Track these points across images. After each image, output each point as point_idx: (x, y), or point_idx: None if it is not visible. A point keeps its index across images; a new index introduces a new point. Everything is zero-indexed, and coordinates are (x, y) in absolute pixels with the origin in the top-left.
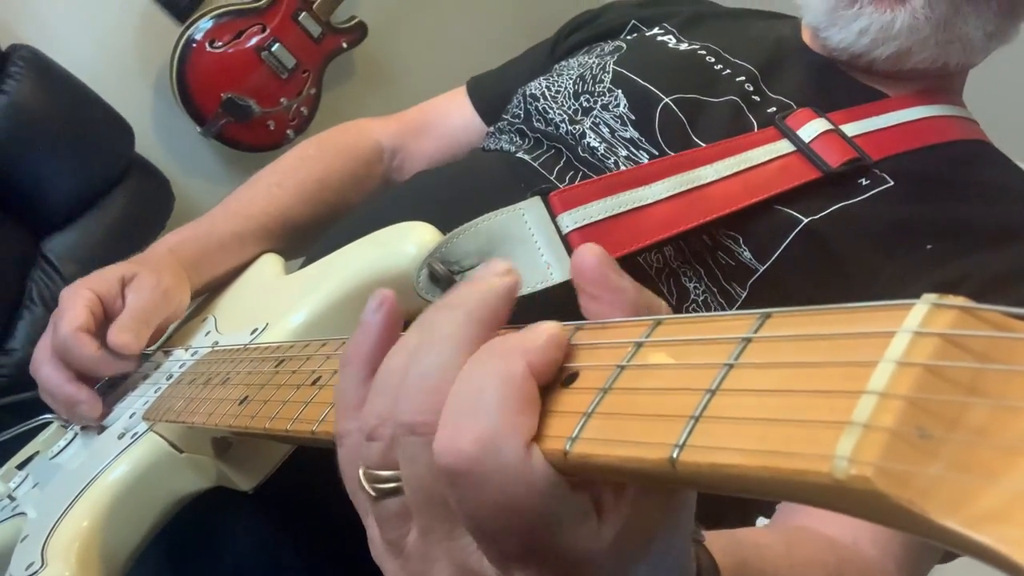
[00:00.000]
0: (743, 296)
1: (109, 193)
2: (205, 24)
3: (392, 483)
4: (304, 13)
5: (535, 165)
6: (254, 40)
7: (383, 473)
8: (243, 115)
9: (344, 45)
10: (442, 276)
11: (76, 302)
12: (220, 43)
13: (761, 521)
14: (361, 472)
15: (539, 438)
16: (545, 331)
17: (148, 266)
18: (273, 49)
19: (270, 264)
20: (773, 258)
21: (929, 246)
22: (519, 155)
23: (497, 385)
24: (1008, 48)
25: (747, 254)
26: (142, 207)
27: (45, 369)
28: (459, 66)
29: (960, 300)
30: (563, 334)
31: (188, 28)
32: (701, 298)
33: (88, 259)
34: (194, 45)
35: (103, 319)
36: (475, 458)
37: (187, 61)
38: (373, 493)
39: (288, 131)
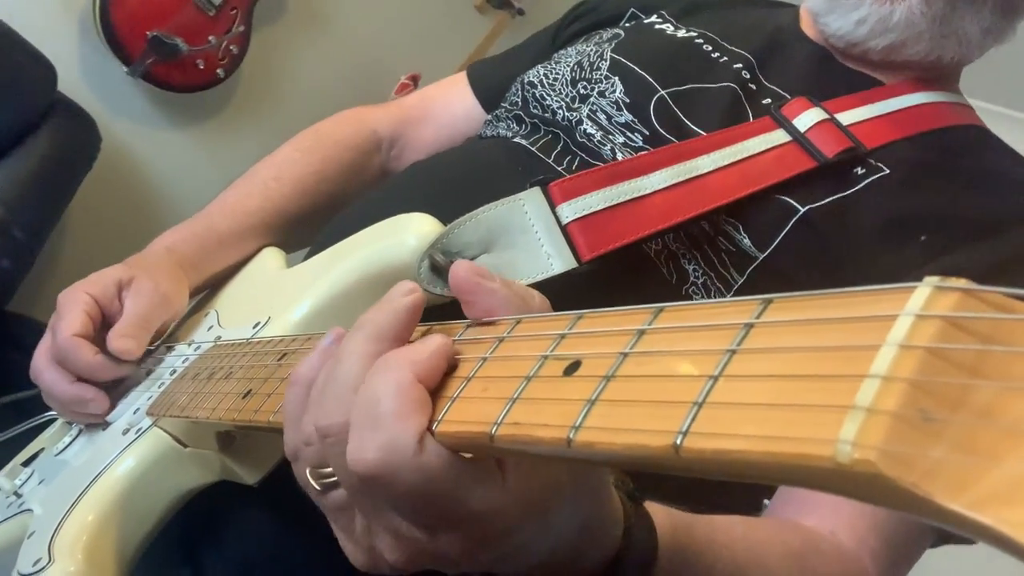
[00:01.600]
0: (740, 283)
1: (32, 134)
2: None
3: (332, 478)
4: None
5: (533, 149)
6: None
7: (323, 469)
8: (170, 54)
9: None
10: (443, 267)
11: (74, 307)
12: None
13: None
14: (307, 472)
15: (540, 427)
16: (431, 344)
17: (145, 269)
18: None
19: (272, 258)
20: (772, 246)
21: (924, 237)
22: (516, 140)
23: (390, 395)
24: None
25: (747, 241)
26: (68, 148)
27: (46, 374)
28: (392, 5)
29: (962, 282)
30: (447, 345)
31: None
32: (700, 281)
33: (14, 201)
34: None
35: (101, 322)
36: (380, 462)
37: None
38: (319, 488)
39: (218, 70)
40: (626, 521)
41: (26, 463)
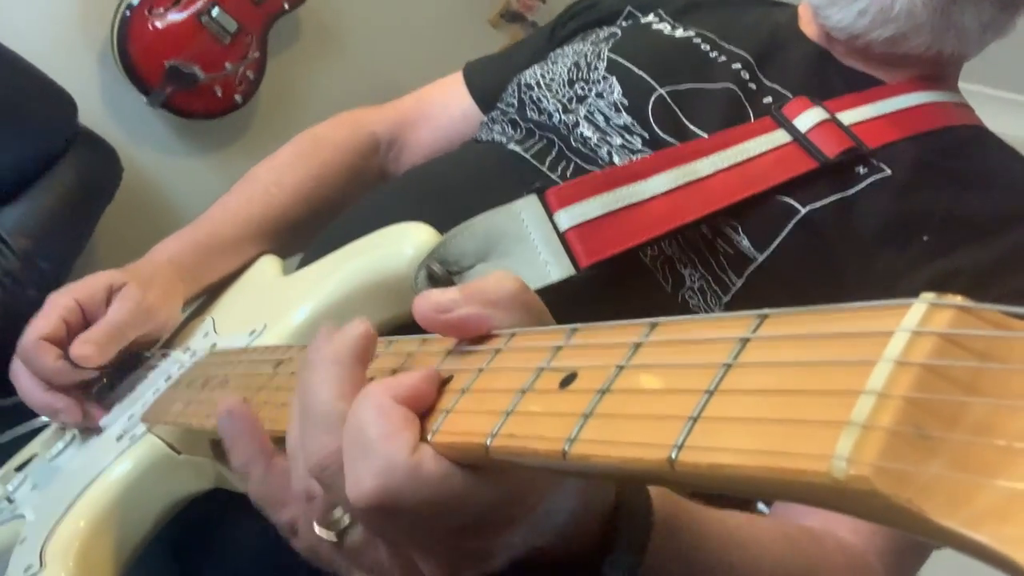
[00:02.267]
0: (738, 285)
1: (55, 166)
2: None
3: (344, 521)
4: None
5: (527, 156)
6: (194, 6)
7: (334, 515)
8: (188, 82)
9: (285, 6)
10: (440, 277)
11: (52, 310)
12: (160, 9)
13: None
14: (317, 527)
15: (536, 440)
16: (410, 373)
17: (139, 278)
18: (213, 14)
19: (269, 265)
20: (772, 247)
21: (925, 237)
22: (511, 146)
23: (373, 420)
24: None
25: (746, 243)
26: (90, 178)
27: (21, 378)
28: (406, 23)
29: (958, 299)
30: (429, 373)
31: None
32: (697, 285)
33: (38, 232)
34: (130, 13)
35: (82, 327)
36: (381, 488)
37: (127, 30)
38: (335, 538)
39: (236, 96)
40: (619, 491)
41: (19, 468)
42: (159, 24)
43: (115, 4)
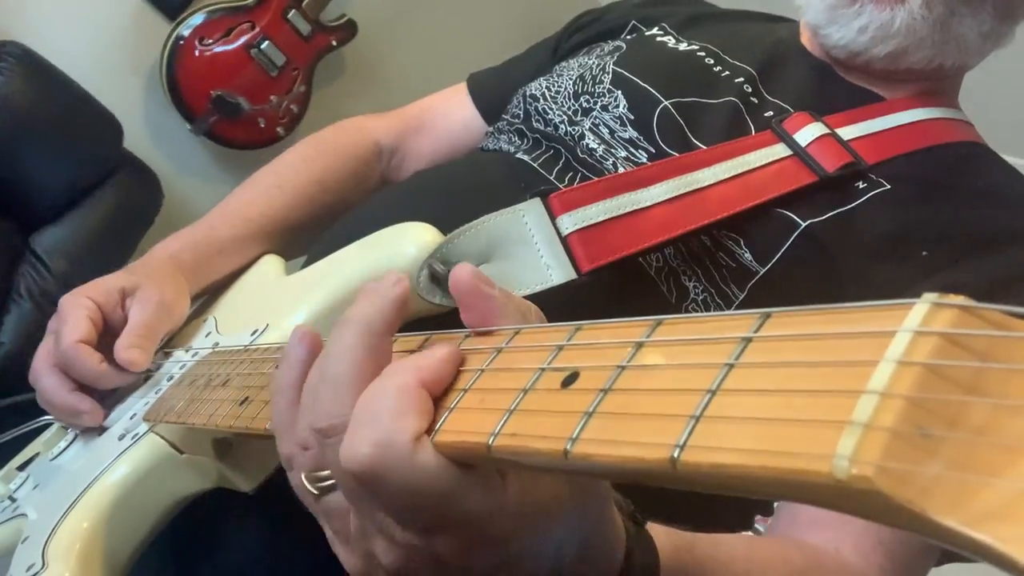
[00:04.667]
0: (741, 298)
1: (98, 189)
2: (195, 21)
3: (328, 481)
4: (294, 11)
5: (534, 165)
6: (244, 38)
7: (320, 473)
8: (233, 112)
9: (334, 43)
10: (443, 277)
11: (77, 312)
12: (210, 40)
13: (759, 521)
14: (303, 476)
15: (538, 439)
16: (438, 351)
17: (149, 277)
18: (263, 47)
19: (271, 265)
20: (773, 260)
21: (924, 252)
22: (518, 155)
23: (391, 395)
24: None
25: (748, 256)
26: (131, 203)
27: (45, 379)
28: (449, 64)
29: (960, 299)
30: (455, 353)
31: (178, 25)
32: (700, 298)
33: (77, 254)
34: (183, 43)
35: (103, 329)
36: (373, 458)
37: (176, 58)
38: (316, 492)
39: (278, 128)
40: (628, 541)
41: (21, 467)
42: (208, 53)
43: (166, 31)
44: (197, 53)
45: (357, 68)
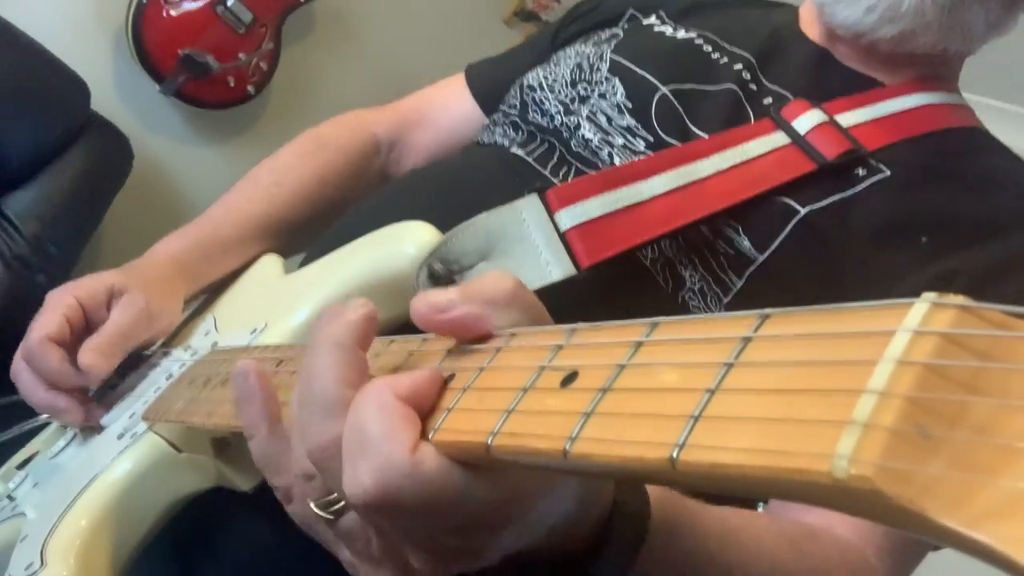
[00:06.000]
0: (739, 286)
1: (67, 151)
2: None
3: (340, 503)
4: None
5: (529, 160)
6: None
7: (331, 497)
8: (202, 71)
9: None
10: (441, 275)
11: (55, 309)
12: None
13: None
14: (312, 505)
15: (537, 439)
16: (413, 372)
17: (140, 281)
18: (229, 4)
19: (270, 264)
20: (772, 248)
21: (924, 239)
22: (513, 150)
23: (375, 416)
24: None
25: (746, 243)
26: (101, 164)
27: (22, 375)
28: (421, 18)
29: (960, 299)
30: (432, 372)
31: None
32: (697, 286)
33: (48, 217)
34: (145, 1)
35: (83, 327)
36: (380, 485)
37: (142, 18)
38: (330, 516)
39: (248, 87)
40: (617, 491)
41: (20, 466)
42: (174, 12)
43: None
44: (163, 11)
45: (327, 24)
